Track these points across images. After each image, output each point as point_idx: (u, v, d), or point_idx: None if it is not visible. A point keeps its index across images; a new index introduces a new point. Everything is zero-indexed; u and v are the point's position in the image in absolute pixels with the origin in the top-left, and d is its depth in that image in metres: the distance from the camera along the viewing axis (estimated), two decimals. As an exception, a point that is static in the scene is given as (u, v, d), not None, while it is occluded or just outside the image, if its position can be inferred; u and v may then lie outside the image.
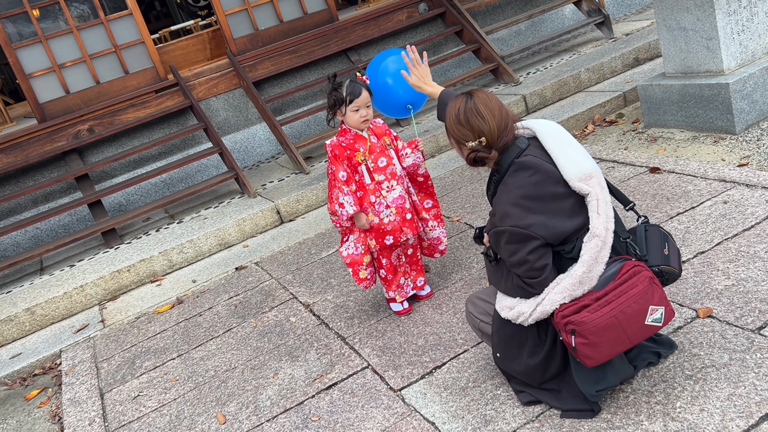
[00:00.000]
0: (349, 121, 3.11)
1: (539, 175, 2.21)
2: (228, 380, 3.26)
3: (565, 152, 2.24)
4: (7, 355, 4.40)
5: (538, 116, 5.87)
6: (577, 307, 2.12)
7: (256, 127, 6.81)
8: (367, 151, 3.13)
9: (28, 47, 6.07)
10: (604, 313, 2.08)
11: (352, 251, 3.19)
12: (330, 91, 3.12)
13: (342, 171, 3.09)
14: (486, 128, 2.24)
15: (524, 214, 2.18)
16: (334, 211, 3.15)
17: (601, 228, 2.15)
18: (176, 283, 4.74)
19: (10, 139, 5.92)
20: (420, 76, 2.97)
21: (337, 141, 3.14)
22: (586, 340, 2.09)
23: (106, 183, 6.28)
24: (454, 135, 2.34)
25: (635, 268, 2.14)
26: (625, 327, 2.09)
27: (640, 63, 6.37)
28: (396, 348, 3.08)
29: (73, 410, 3.43)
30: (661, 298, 2.14)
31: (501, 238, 2.23)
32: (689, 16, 4.45)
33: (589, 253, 2.14)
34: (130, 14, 6.33)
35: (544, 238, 2.17)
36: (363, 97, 3.07)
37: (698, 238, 3.16)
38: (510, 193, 2.22)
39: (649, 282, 2.12)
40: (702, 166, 3.89)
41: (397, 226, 3.17)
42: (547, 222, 2.17)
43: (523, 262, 2.19)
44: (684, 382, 2.29)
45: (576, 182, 2.19)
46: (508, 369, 2.43)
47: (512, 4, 7.73)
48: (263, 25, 6.78)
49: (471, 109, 2.26)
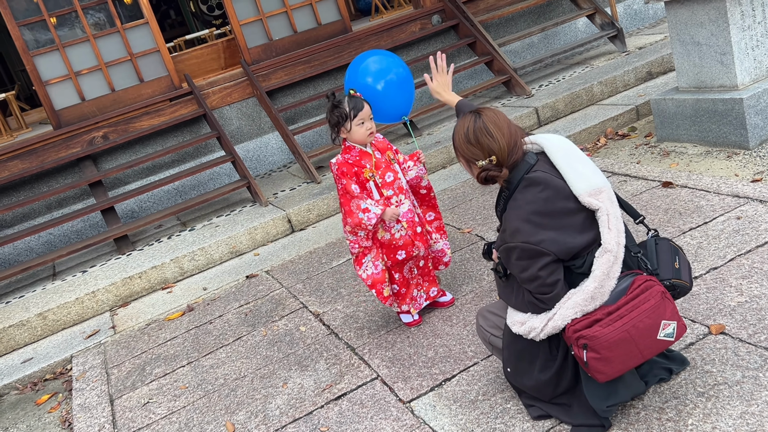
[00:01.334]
0: (355, 136, 3.08)
1: (549, 190, 2.21)
2: (237, 389, 3.26)
3: (573, 167, 2.24)
4: (19, 360, 4.43)
5: (551, 129, 5.87)
6: (589, 322, 2.11)
7: (269, 136, 6.85)
8: (373, 167, 3.11)
9: (46, 54, 6.14)
10: (617, 327, 2.07)
11: (371, 271, 3.16)
12: (331, 108, 3.08)
13: (353, 184, 3.08)
14: (496, 147, 2.24)
15: (535, 230, 2.17)
16: (357, 223, 3.04)
17: (612, 243, 2.15)
18: (187, 291, 4.77)
19: (26, 145, 5.99)
20: (442, 83, 2.98)
21: (342, 159, 3.12)
22: (598, 354, 2.08)
23: (119, 190, 6.33)
24: (463, 154, 2.34)
25: (647, 282, 2.13)
26: (637, 342, 2.08)
27: (653, 77, 6.36)
28: (406, 359, 3.07)
29: (83, 416, 3.45)
30: (673, 312, 2.13)
31: (512, 254, 2.23)
32: (703, 30, 4.45)
33: (601, 269, 2.13)
34: (146, 23, 6.40)
35: (555, 253, 2.16)
36: (366, 109, 3.06)
37: (711, 254, 3.15)
38: (520, 209, 2.22)
39: (661, 296, 2.11)
40: (715, 181, 3.88)
41: (408, 240, 3.17)
42: (558, 238, 2.17)
43: (535, 278, 2.18)
44: (696, 399, 2.28)
45: (586, 197, 2.19)
46: (518, 384, 2.42)
47: (525, 17, 7.75)
48: (277, 35, 6.84)
49: (480, 128, 2.26)
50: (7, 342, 4.60)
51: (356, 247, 3.17)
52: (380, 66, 3.21)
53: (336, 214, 5.42)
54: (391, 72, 3.22)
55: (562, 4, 7.82)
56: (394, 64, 3.24)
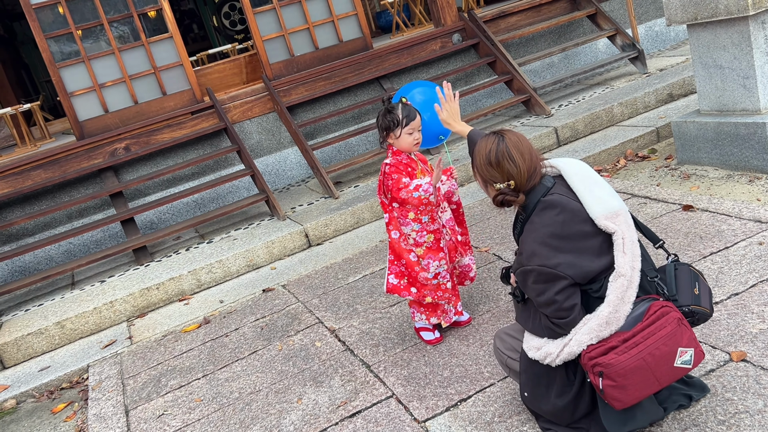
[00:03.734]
0: (402, 144, 3.12)
1: (566, 213, 2.21)
2: (252, 403, 3.26)
3: (590, 190, 2.23)
4: (36, 368, 4.46)
5: (570, 149, 5.85)
6: (605, 349, 2.09)
7: (288, 150, 6.90)
8: (421, 173, 3.19)
9: (71, 66, 6.25)
10: (632, 355, 2.05)
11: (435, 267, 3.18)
12: (384, 112, 3.12)
13: (405, 177, 3.09)
14: (515, 172, 2.25)
15: (551, 254, 2.16)
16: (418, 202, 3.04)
17: (626, 267, 2.13)
18: (204, 303, 4.79)
19: (49, 155, 6.07)
20: (452, 112, 3.00)
21: (396, 159, 3.16)
22: (614, 382, 2.06)
23: (139, 201, 6.39)
24: (482, 175, 2.34)
25: (663, 308, 2.11)
26: (653, 369, 2.06)
27: (674, 99, 6.33)
28: (421, 378, 3.06)
29: (99, 426, 3.47)
30: (690, 339, 2.10)
31: (528, 277, 2.22)
32: (726, 54, 4.43)
33: (615, 293, 2.12)
34: (171, 37, 6.49)
35: (571, 277, 2.15)
36: (417, 120, 3.10)
37: (732, 279, 3.11)
38: (537, 232, 2.22)
39: (678, 323, 2.09)
40: (737, 205, 3.84)
41: (452, 246, 3.22)
42: (575, 261, 2.16)
43: (551, 302, 2.17)
44: (716, 428, 2.24)
45: (602, 220, 2.18)
46: (536, 408, 2.40)
47: (546, 37, 7.76)
48: (299, 51, 6.90)
49: (503, 152, 2.26)
50: (25, 350, 4.65)
51: (424, 235, 3.14)
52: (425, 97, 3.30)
53: (353, 230, 5.43)
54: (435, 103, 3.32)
55: (583, 24, 7.83)
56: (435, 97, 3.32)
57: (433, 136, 3.48)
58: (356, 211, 5.45)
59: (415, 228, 3.16)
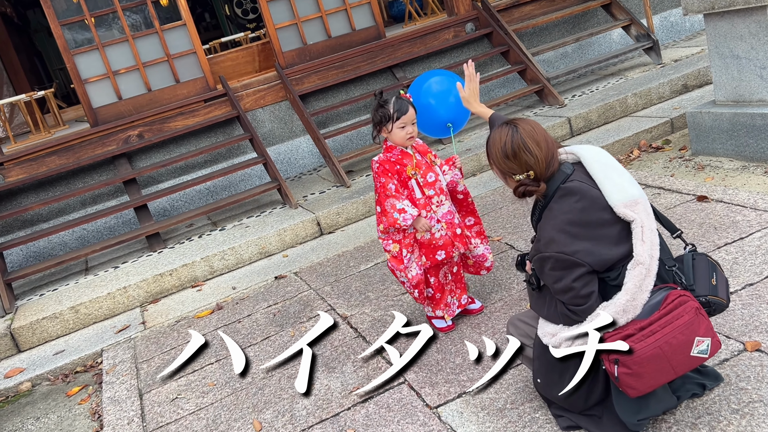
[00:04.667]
0: (395, 138, 3.12)
1: (585, 201, 2.20)
2: (265, 387, 3.29)
3: (610, 177, 2.22)
4: (51, 351, 4.51)
5: (583, 139, 5.83)
6: (621, 337, 2.08)
7: (300, 139, 6.91)
8: (414, 166, 3.15)
9: (86, 53, 6.27)
10: (649, 343, 2.04)
11: (416, 272, 3.17)
12: (376, 107, 3.12)
13: (390, 183, 3.10)
14: (533, 162, 2.24)
15: (570, 241, 2.16)
16: (392, 223, 3.06)
17: (645, 256, 2.13)
18: (216, 289, 4.82)
19: (63, 142, 6.12)
20: (473, 91, 2.99)
21: (384, 157, 3.16)
22: (629, 370, 2.06)
23: (152, 188, 6.42)
24: (500, 168, 2.33)
25: (681, 297, 2.10)
26: (670, 358, 2.05)
27: (688, 90, 6.29)
28: (433, 365, 3.07)
29: (113, 409, 3.50)
30: (707, 329, 2.10)
31: (546, 264, 2.22)
32: (743, 44, 4.39)
33: (633, 281, 2.11)
34: (184, 25, 6.50)
35: (590, 264, 2.15)
36: (410, 114, 3.07)
37: (747, 270, 3.10)
38: (555, 219, 2.21)
39: (696, 312, 2.08)
40: (752, 196, 3.82)
41: (448, 240, 3.18)
42: (593, 249, 2.16)
43: (569, 289, 2.17)
44: (730, 416, 2.24)
45: (621, 208, 2.17)
46: (548, 395, 2.40)
47: (560, 27, 7.71)
48: (312, 39, 6.90)
49: (518, 143, 2.24)
50: (40, 334, 4.70)
51: (390, 243, 3.16)
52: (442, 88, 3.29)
53: (364, 218, 5.45)
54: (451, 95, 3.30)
55: (598, 14, 7.78)
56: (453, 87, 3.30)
57: (441, 125, 3.45)
58: (368, 200, 5.45)
59: (381, 236, 3.17)
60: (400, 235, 3.15)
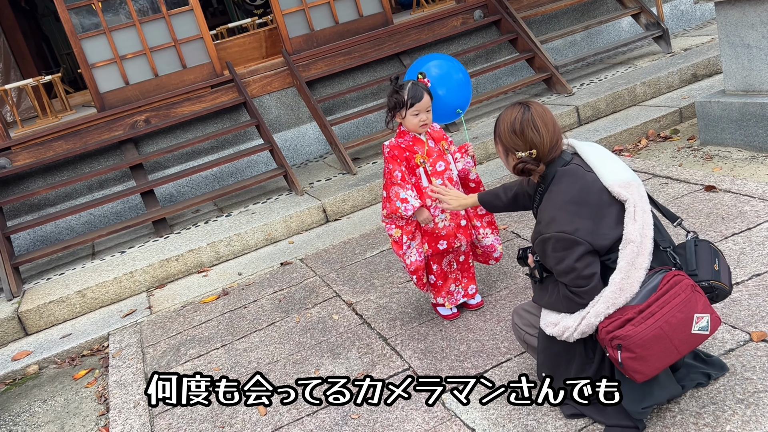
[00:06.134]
0: (408, 125, 3.10)
1: (584, 181, 2.26)
2: (270, 373, 3.30)
3: (604, 163, 2.29)
4: (58, 335, 4.54)
5: (591, 128, 5.80)
6: (621, 322, 2.10)
7: (307, 126, 6.89)
8: (425, 154, 3.12)
9: (93, 38, 6.26)
10: (649, 324, 2.06)
11: (415, 258, 3.17)
12: (391, 92, 3.09)
13: (397, 170, 3.09)
14: (539, 141, 2.28)
15: (570, 219, 2.19)
16: (394, 210, 3.06)
17: (635, 234, 2.15)
18: (222, 275, 4.83)
19: (70, 126, 6.12)
20: (456, 197, 2.92)
21: (396, 142, 3.14)
22: (633, 354, 2.07)
23: (158, 173, 6.43)
24: (505, 143, 2.36)
25: (675, 277, 2.13)
26: (671, 337, 2.07)
27: (698, 79, 6.24)
28: (438, 352, 3.08)
29: (119, 392, 3.53)
30: (705, 305, 2.12)
31: (547, 245, 2.23)
32: (754, 33, 4.35)
33: (625, 259, 2.14)
34: (191, 10, 6.48)
35: (590, 243, 2.16)
36: (425, 101, 3.04)
37: (754, 260, 3.09)
38: (555, 199, 2.26)
39: (691, 290, 2.11)
40: (760, 186, 3.80)
41: (451, 231, 3.17)
42: (593, 228, 2.18)
43: (571, 269, 2.18)
44: (735, 406, 2.24)
45: (615, 187, 2.22)
46: (555, 386, 2.40)
47: (569, 15, 7.65)
48: (319, 25, 6.87)
49: (527, 120, 2.29)
50: (47, 317, 4.73)
51: (393, 228, 3.16)
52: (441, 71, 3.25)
53: (370, 206, 5.44)
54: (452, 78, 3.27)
55: (607, 2, 7.71)
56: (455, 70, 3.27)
57: (451, 111, 3.44)
58: (374, 188, 5.45)
59: (385, 221, 3.18)
60: (403, 222, 3.15)
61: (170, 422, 3.12)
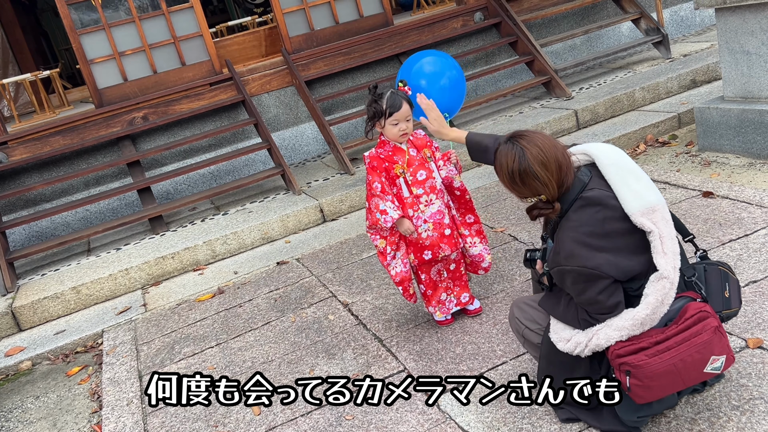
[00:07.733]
0: (388, 134, 3.05)
1: (606, 211, 2.11)
2: (265, 372, 3.29)
3: (626, 183, 2.12)
4: (52, 331, 4.52)
5: (589, 132, 5.80)
6: (634, 349, 2.03)
7: (305, 125, 6.88)
8: (405, 164, 3.05)
9: (92, 34, 6.25)
10: (663, 359, 1.99)
11: (400, 269, 3.13)
12: (370, 102, 3.04)
13: (376, 182, 3.03)
14: (543, 189, 2.15)
15: (591, 254, 2.08)
16: (374, 222, 3.02)
17: (669, 268, 2.05)
18: (218, 273, 4.82)
19: (67, 122, 6.10)
20: (438, 119, 2.91)
21: (375, 152, 3.09)
22: (640, 382, 2.02)
23: (156, 171, 6.41)
24: (510, 191, 2.26)
25: (701, 313, 2.03)
26: (682, 374, 2.01)
27: (697, 85, 6.25)
28: (433, 354, 3.07)
29: (113, 389, 3.51)
30: (723, 347, 2.03)
31: (566, 277, 2.15)
32: (754, 39, 4.35)
33: (655, 295, 2.05)
34: (191, 7, 6.47)
35: (613, 276, 2.08)
36: (403, 110, 2.98)
37: (751, 267, 3.09)
38: (575, 230, 2.12)
39: (714, 331, 2.01)
40: (758, 193, 3.80)
41: (435, 241, 3.08)
42: (615, 260, 2.08)
43: (594, 302, 2.11)
44: (730, 413, 2.24)
45: (638, 217, 2.08)
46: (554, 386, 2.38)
47: (569, 19, 7.66)
48: (319, 25, 6.86)
49: (526, 171, 2.14)
50: (41, 313, 4.71)
51: (377, 239, 3.12)
52: (434, 68, 3.21)
53: (368, 207, 5.43)
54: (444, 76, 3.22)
55: (607, 7, 7.72)
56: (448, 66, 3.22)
57: None
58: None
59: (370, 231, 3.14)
60: (387, 232, 3.09)
61: (163, 420, 3.11)
